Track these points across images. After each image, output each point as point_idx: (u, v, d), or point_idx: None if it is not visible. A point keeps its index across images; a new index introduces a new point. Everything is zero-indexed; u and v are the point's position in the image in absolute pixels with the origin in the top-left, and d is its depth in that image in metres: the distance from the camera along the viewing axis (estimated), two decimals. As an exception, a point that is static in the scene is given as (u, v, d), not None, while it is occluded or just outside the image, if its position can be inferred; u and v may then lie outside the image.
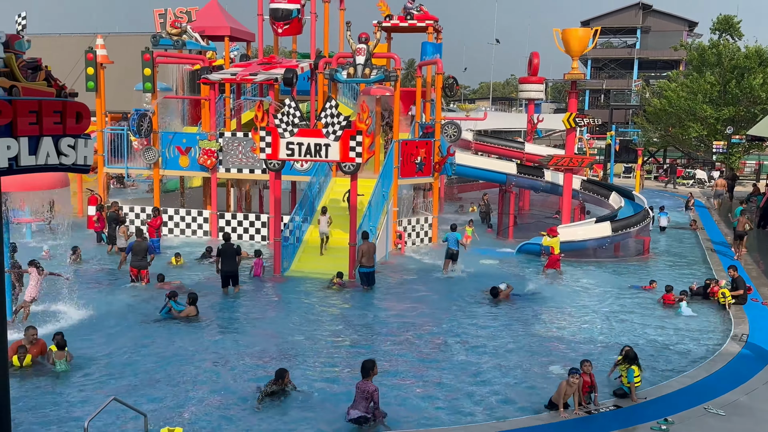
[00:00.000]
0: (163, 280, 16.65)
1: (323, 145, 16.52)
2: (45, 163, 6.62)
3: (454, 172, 23.06)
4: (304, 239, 19.80)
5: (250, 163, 22.42)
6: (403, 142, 21.61)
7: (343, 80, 20.70)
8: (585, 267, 20.10)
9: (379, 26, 23.97)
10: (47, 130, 6.58)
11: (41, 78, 6.91)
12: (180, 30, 24.30)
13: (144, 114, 22.34)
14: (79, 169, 7.09)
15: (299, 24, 24.37)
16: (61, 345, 11.33)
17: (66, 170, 6.95)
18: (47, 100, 6.63)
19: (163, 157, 22.99)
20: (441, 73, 22.51)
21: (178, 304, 14.14)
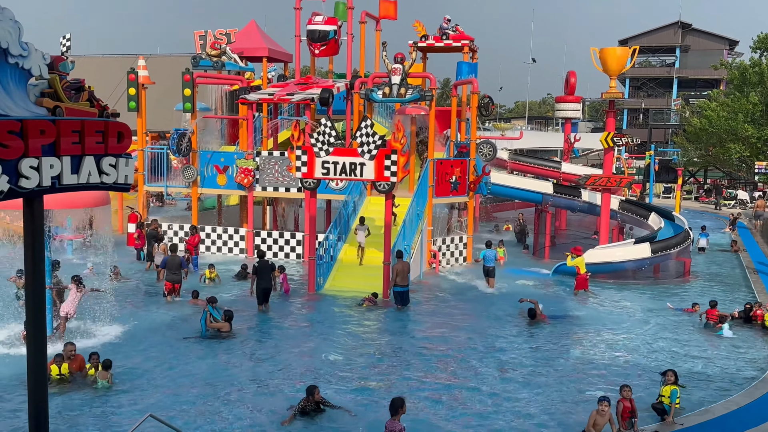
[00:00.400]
0: (197, 296, 16.88)
1: (358, 164, 16.59)
2: (87, 181, 6.75)
3: (489, 191, 22.96)
4: (339, 257, 19.85)
5: (286, 181, 22.63)
6: (438, 161, 21.60)
7: (379, 100, 20.83)
8: (624, 289, 19.74)
9: (415, 46, 24.12)
10: (89, 149, 6.72)
11: (84, 99, 7.08)
12: (219, 51, 24.78)
13: (183, 133, 22.76)
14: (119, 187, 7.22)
15: (336, 45, 24.69)
16: (106, 365, 11.45)
17: (107, 189, 7.09)
18: (90, 120, 6.79)
19: (202, 176, 23.35)
20: (476, 93, 22.51)
21: (215, 310, 14.29)
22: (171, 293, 17.22)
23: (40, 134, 6.25)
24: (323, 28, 23.89)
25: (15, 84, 6.31)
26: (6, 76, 6.23)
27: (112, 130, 6.97)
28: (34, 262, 6.79)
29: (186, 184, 23.51)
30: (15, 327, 13.65)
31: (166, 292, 17.25)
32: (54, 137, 6.39)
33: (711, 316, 15.94)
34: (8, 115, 6.11)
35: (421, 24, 24.79)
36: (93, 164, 6.80)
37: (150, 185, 24.63)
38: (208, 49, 24.91)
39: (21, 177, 6.14)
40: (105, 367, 11.43)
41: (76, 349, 11.84)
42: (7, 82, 6.23)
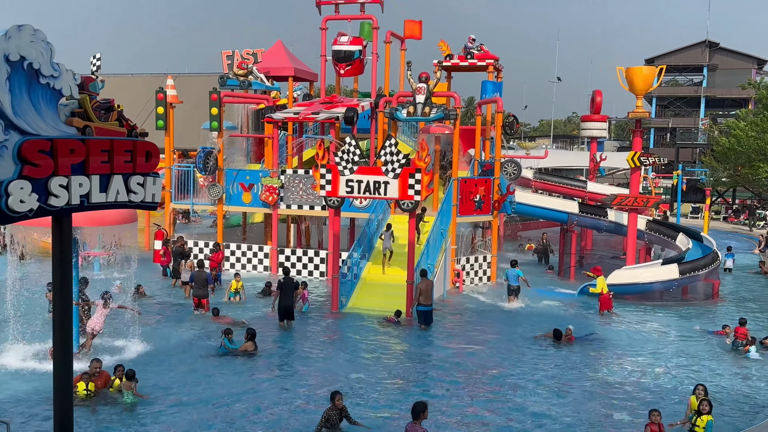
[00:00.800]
0: (217, 314, 17.00)
1: (382, 182, 16.62)
2: (115, 200, 6.85)
3: (513, 210, 22.82)
4: (362, 276, 19.83)
5: (311, 199, 22.74)
6: (462, 179, 21.55)
7: (403, 119, 20.89)
8: (651, 310, 19.43)
9: (440, 66, 24.18)
10: (118, 168, 6.82)
11: (114, 118, 7.20)
12: (246, 71, 25.09)
13: (210, 152, 23.02)
14: (147, 206, 7.31)
15: (361, 65, 24.87)
16: (130, 375, 11.53)
17: (134, 207, 7.18)
18: (119, 139, 6.90)
19: (227, 194, 23.56)
20: (501, 112, 22.47)
21: (231, 343, 14.23)
22: (198, 308, 17.72)
23: (70, 153, 6.36)
24: (348, 48, 24.11)
25: (46, 104, 6.44)
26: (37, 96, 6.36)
27: (141, 149, 7.07)
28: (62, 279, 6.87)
29: (212, 201, 23.72)
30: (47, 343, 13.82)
31: (195, 307, 17.79)
32: (83, 156, 6.49)
33: (739, 334, 15.65)
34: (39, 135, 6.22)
35: (445, 43, 24.89)
36: (121, 183, 6.90)
37: (176, 203, 24.89)
38: (235, 69, 25.24)
39: (50, 195, 6.25)
40: (128, 378, 11.50)
41: (101, 365, 11.94)
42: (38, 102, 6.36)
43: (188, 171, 24.51)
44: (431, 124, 23.12)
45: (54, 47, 6.39)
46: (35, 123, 6.27)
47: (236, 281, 19.22)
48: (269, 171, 23.18)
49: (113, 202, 6.84)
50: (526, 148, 35.09)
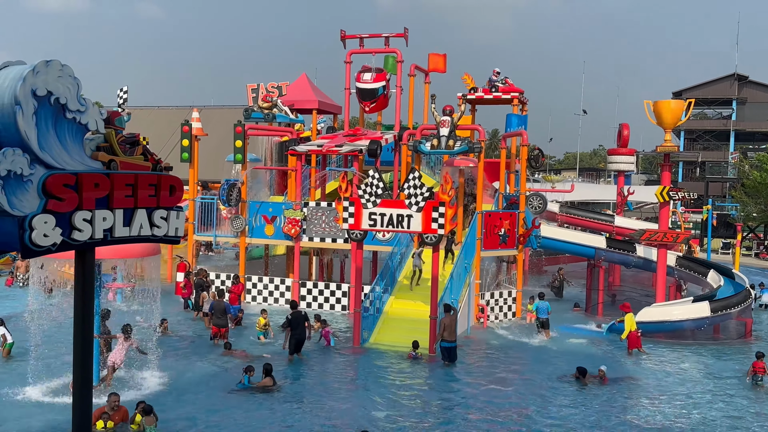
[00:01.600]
0: (229, 348, 17.01)
1: (405, 216, 16.60)
2: (138, 234, 6.90)
3: (539, 244, 22.63)
4: (385, 310, 19.69)
5: (333, 232, 22.76)
6: (487, 213, 21.46)
7: (427, 151, 20.94)
8: (682, 350, 19.00)
9: (464, 99, 24.32)
10: (142, 202, 6.89)
11: (139, 153, 7.29)
12: (271, 104, 25.41)
13: (234, 184, 23.22)
14: (170, 240, 7.36)
15: (385, 100, 25.08)
16: (147, 410, 11.50)
17: (157, 241, 7.22)
18: (143, 173, 6.98)
19: (250, 226, 23.69)
20: (526, 145, 22.44)
21: (250, 383, 14.14)
22: (217, 337, 17.82)
23: (95, 187, 6.44)
24: (371, 86, 24.38)
25: (72, 138, 6.54)
26: (63, 130, 6.46)
27: (165, 183, 7.14)
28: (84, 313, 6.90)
29: (234, 233, 23.86)
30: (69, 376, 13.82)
31: (212, 336, 17.91)
32: (108, 190, 6.57)
33: (758, 368, 15.35)
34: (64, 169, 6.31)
35: (470, 76, 25.04)
36: (145, 217, 6.95)
37: (199, 234, 25.07)
38: (260, 102, 25.58)
39: (74, 229, 6.31)
40: (145, 413, 11.47)
41: (119, 400, 11.91)
42: (64, 137, 6.46)
43: (211, 203, 24.73)
44: (455, 157, 23.16)
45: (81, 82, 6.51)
46: (60, 157, 6.36)
47: (263, 318, 18.87)
48: (292, 203, 23.30)
49: (136, 236, 6.89)
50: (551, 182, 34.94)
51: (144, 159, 7.33)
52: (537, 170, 36.25)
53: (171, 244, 7.54)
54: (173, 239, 7.36)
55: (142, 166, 7.23)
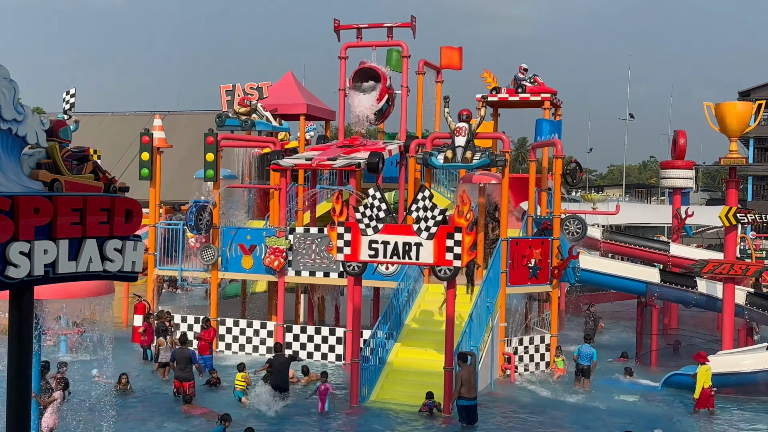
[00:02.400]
0: (189, 402, 17.21)
1: (414, 244, 16.62)
2: (86, 269, 6.92)
3: (577, 278, 22.60)
4: (389, 360, 19.64)
5: (325, 265, 22.76)
6: (513, 240, 21.48)
7: (440, 165, 21.01)
8: (756, 409, 18.89)
9: (484, 101, 24.45)
10: (92, 231, 6.91)
11: (88, 170, 7.34)
12: (249, 108, 25.59)
13: (204, 206, 23.31)
14: (125, 276, 7.38)
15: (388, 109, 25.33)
16: None
17: (110, 278, 7.24)
18: (94, 196, 7.01)
19: (223, 257, 23.72)
20: (561, 157, 22.52)
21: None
22: (180, 393, 17.77)
23: (34, 213, 6.46)
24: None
25: (6, 153, 6.58)
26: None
27: (120, 207, 7.18)
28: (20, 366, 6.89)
29: (204, 266, 23.88)
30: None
31: (175, 392, 17.90)
32: (50, 217, 6.60)
33: None
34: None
35: (491, 74, 25.20)
36: (95, 249, 6.98)
37: (162, 268, 25.09)
38: (236, 106, 25.76)
39: (8, 265, 6.32)
40: None
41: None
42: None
43: (177, 229, 24.79)
44: (474, 172, 23.23)
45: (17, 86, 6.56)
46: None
47: (241, 376, 18.46)
48: (275, 229, 23.35)
49: (84, 273, 6.91)
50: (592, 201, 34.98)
51: (94, 178, 7.37)
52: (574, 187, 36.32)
53: (127, 282, 7.56)
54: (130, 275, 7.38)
55: (93, 186, 7.27)
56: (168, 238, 24.95)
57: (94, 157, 7.61)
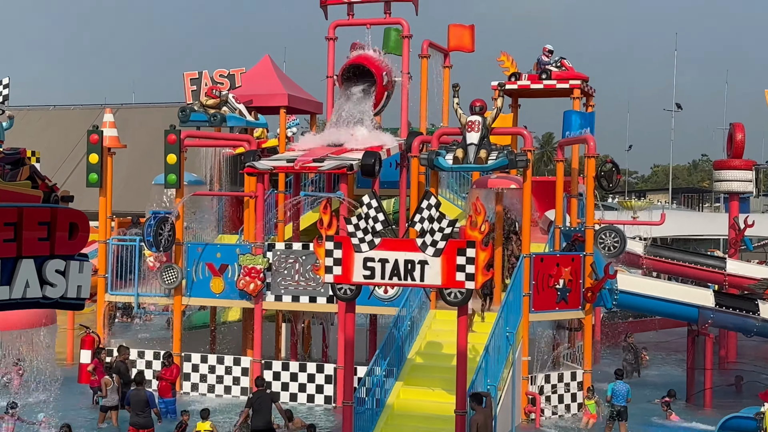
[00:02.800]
0: None
1: (418, 262, 16.58)
2: (22, 296, 6.92)
3: (615, 302, 22.58)
4: (389, 403, 19.59)
5: (311, 288, 22.75)
6: (537, 257, 21.50)
7: (448, 167, 21.01)
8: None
9: (501, 89, 24.47)
10: (29, 249, 6.91)
11: (24, 176, 7.35)
12: (219, 100, 25.59)
13: (164, 218, 23.28)
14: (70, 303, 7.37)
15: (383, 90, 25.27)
16: None
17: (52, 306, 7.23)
18: (31, 207, 7.01)
19: (188, 279, 23.70)
20: (594, 156, 22.53)
21: None
22: None
23: (-40, 228, 6.47)
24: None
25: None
26: None
27: (62, 220, 7.17)
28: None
29: (166, 291, 23.85)
30: None
31: None
32: (-22, 232, 6.60)
33: None
34: None
35: (509, 57, 25.25)
36: (33, 270, 6.98)
37: (114, 293, 25.04)
38: (202, 97, 25.77)
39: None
40: None
41: None
42: None
43: (132, 246, 24.75)
44: (490, 175, 23.24)
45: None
46: None
47: (203, 424, 18.45)
48: (250, 246, 23.34)
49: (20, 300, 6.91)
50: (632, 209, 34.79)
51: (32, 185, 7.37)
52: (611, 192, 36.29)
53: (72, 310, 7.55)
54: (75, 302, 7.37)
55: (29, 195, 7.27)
56: (122, 256, 24.91)
57: (32, 161, 7.62)
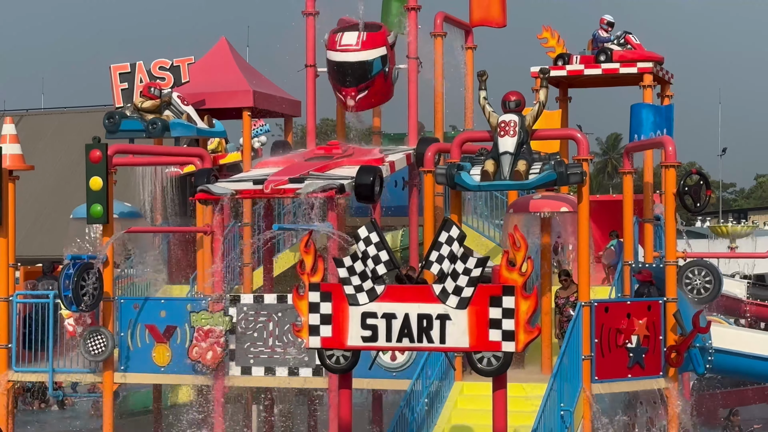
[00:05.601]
0: None
1: (436, 317, 16.51)
2: None
3: (709, 366, 22.50)
4: None
5: (291, 356, 22.66)
6: (601, 306, 21.47)
7: (475, 186, 20.93)
8: None
9: (544, 77, 24.43)
10: None
11: None
12: (159, 101, 25.60)
13: (88, 265, 23.21)
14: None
15: (386, 85, 25.18)
16: None
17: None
18: None
19: (122, 348, 23.61)
20: (673, 165, 22.49)
21: None
22: None
23: None
24: (360, 57, 24.50)
25: None
26: None
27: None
28: None
29: (91, 365, 23.75)
30: None
31: None
32: None
33: None
34: None
35: (554, 33, 25.25)
36: None
37: (21, 369, 24.94)
38: (137, 98, 25.78)
39: None
40: None
41: None
42: None
43: (45, 305, 24.68)
44: (532, 195, 23.19)
45: None
46: None
47: None
48: (206, 299, 23.26)
49: None
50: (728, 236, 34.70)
51: None
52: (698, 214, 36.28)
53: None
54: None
55: None
56: (30, 319, 24.84)
57: None
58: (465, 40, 27.01)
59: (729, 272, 29.08)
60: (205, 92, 26.91)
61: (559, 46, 25.05)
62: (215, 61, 28.60)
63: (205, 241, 24.38)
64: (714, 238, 48.31)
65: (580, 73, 24.89)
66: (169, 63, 26.08)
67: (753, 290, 31.18)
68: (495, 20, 26.73)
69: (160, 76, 25.92)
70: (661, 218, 23.34)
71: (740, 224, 66.11)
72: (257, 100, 27.57)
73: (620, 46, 24.72)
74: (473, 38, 27.08)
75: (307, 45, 25.70)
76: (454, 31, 26.29)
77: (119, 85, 26.21)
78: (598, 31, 24.90)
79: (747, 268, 33.57)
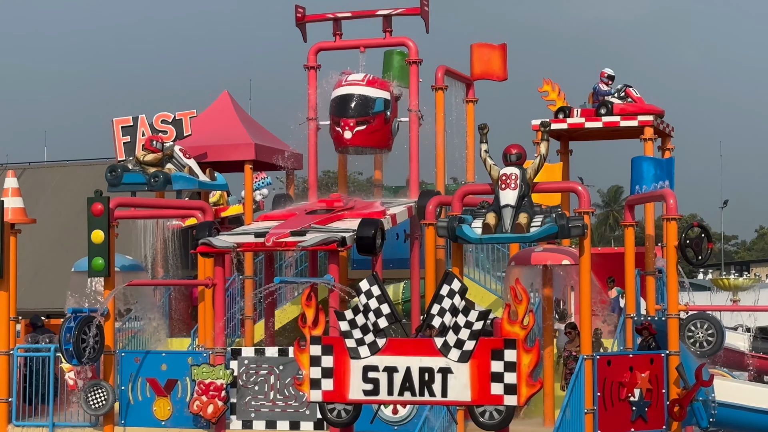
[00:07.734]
0: None
1: (438, 370, 16.48)
2: None
3: (712, 420, 22.42)
4: None
5: (292, 409, 22.59)
6: (603, 359, 21.43)
7: (476, 238, 20.94)
8: None
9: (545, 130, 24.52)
10: None
11: None
12: (161, 154, 25.68)
13: (89, 319, 23.19)
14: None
15: (386, 129, 25.23)
16: None
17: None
18: None
19: (122, 402, 23.54)
20: (675, 218, 22.51)
21: None
22: None
23: None
24: (364, 91, 24.57)
25: None
26: None
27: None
28: None
29: (92, 419, 23.67)
30: None
31: None
32: None
33: None
34: None
35: (555, 86, 25.35)
36: None
37: (20, 424, 24.84)
38: (139, 152, 25.85)
39: None
40: None
41: None
42: None
43: (45, 358, 24.62)
44: (533, 248, 23.20)
45: None
46: None
47: None
48: (207, 353, 23.22)
49: None
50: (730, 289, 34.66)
51: None
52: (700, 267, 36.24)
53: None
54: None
55: None
56: (31, 372, 24.78)
57: None
58: (466, 94, 27.11)
59: (732, 325, 28.98)
60: (207, 145, 26.99)
61: (559, 99, 25.16)
62: (217, 114, 28.72)
63: (206, 294, 24.36)
64: (716, 291, 48.31)
65: (581, 126, 24.99)
66: (172, 116, 26.20)
67: (755, 343, 31.10)
68: (496, 74, 26.88)
69: (163, 130, 26.04)
70: (663, 271, 23.32)
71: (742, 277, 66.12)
72: (258, 153, 27.67)
73: (621, 100, 24.83)
74: (474, 91, 27.18)
75: (309, 98, 25.78)
76: (455, 84, 26.38)
77: (122, 138, 26.30)
78: (599, 84, 25.03)
79: (750, 320, 33.45)
